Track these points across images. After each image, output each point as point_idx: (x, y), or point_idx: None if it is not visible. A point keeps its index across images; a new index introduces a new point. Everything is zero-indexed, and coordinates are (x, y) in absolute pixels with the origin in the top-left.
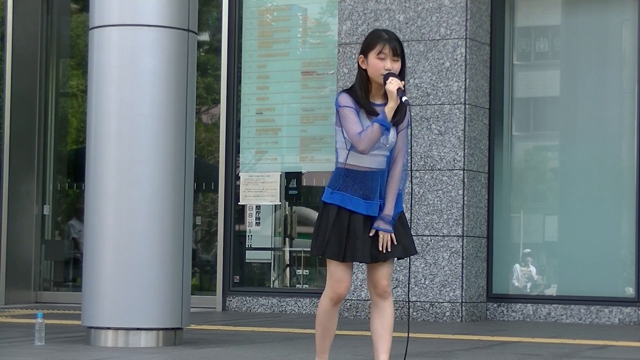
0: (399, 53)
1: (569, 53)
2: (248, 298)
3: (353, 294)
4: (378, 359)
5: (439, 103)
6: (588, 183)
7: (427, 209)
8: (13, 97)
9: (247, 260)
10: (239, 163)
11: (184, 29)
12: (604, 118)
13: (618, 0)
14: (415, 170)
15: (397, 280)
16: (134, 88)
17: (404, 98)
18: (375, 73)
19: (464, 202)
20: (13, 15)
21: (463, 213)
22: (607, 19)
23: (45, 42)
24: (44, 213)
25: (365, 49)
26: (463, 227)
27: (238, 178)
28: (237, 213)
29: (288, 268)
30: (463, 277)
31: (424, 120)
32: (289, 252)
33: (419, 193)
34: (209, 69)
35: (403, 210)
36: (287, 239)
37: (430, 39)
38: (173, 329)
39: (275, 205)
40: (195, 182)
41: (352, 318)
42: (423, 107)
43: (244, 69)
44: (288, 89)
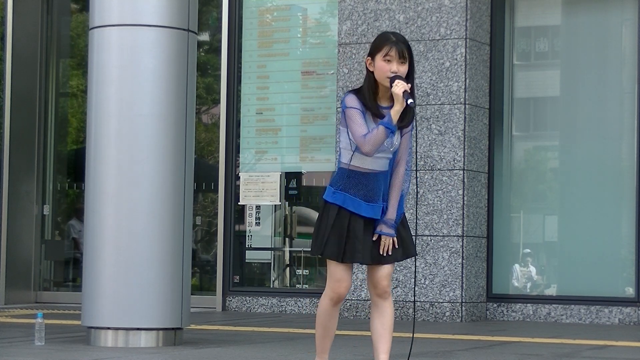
0: (407, 56)
1: (569, 53)
2: (248, 298)
3: (353, 294)
4: (378, 359)
5: (439, 103)
6: (588, 183)
7: (427, 209)
8: (13, 97)
9: (247, 260)
10: (239, 163)
11: (184, 29)
12: (604, 118)
13: (618, 0)
14: (415, 170)
15: (397, 280)
16: (134, 88)
17: (410, 101)
18: (382, 75)
19: (464, 202)
20: (13, 15)
21: (463, 213)
22: (607, 19)
23: (45, 42)
24: (44, 213)
25: (373, 51)
26: (463, 227)
27: (238, 178)
28: (237, 213)
29: (288, 268)
30: (463, 277)
31: (424, 120)
32: (289, 252)
33: (419, 193)
34: (209, 69)
35: (404, 212)
36: (287, 239)
37: (430, 39)
38: (173, 329)
39: (275, 205)
40: (195, 182)
41: (352, 318)
42: (423, 107)
43: (244, 69)
44: (288, 89)
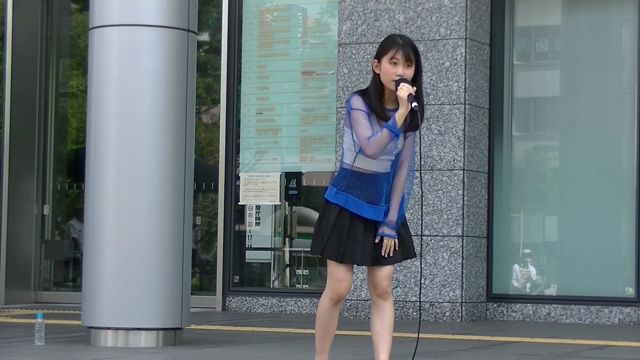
0: (413, 59)
1: (569, 53)
2: (248, 298)
3: (353, 294)
4: (378, 359)
5: (439, 103)
6: (588, 183)
7: (427, 209)
8: (13, 97)
9: (247, 260)
10: (239, 163)
11: (184, 29)
12: (604, 118)
13: (618, 0)
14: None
15: (397, 281)
16: (134, 88)
17: (414, 104)
18: (387, 79)
19: (464, 202)
20: (13, 15)
21: (463, 213)
22: (607, 19)
23: (45, 42)
24: (44, 213)
25: (379, 54)
26: (463, 227)
27: (238, 178)
28: (237, 213)
29: (288, 268)
30: (463, 277)
31: (424, 120)
32: (289, 252)
33: (419, 193)
34: (209, 69)
35: (405, 213)
36: (287, 239)
37: (430, 39)
38: (173, 329)
39: (275, 205)
40: (195, 182)
41: (352, 318)
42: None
43: (244, 69)
44: (288, 89)
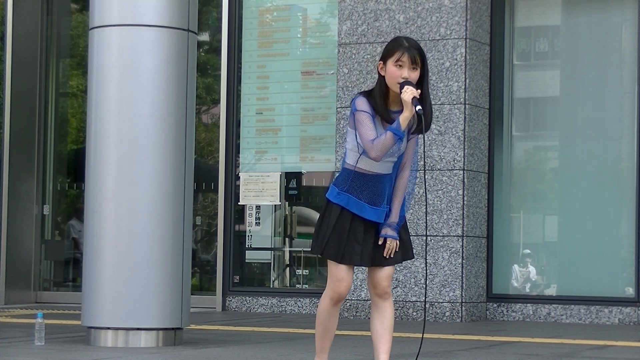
0: (419, 62)
1: (569, 53)
2: (248, 298)
3: (353, 294)
4: (378, 359)
5: (439, 103)
6: (588, 183)
7: (427, 209)
8: (13, 97)
9: (247, 260)
10: (239, 163)
11: (184, 29)
12: (604, 118)
13: (618, 0)
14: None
15: (397, 281)
16: (134, 88)
17: (418, 107)
18: (392, 81)
19: (464, 202)
20: (13, 15)
21: (463, 213)
22: (607, 19)
23: (45, 42)
24: (44, 213)
25: (385, 56)
26: (463, 227)
27: (238, 178)
28: (237, 213)
29: (288, 268)
30: (463, 277)
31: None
32: (289, 252)
33: (419, 193)
34: (209, 69)
35: (405, 214)
36: (287, 239)
37: (430, 39)
38: (173, 329)
39: (275, 205)
40: (195, 182)
41: (352, 318)
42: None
43: (244, 69)
44: (288, 89)
